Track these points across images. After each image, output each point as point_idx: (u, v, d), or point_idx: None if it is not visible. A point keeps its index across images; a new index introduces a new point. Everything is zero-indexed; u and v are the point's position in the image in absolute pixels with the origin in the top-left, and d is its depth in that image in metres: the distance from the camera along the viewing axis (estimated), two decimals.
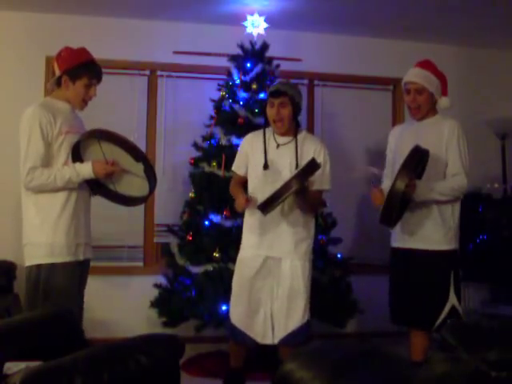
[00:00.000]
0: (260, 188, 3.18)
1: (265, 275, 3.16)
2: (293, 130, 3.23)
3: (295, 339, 3.10)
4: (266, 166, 3.16)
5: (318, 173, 3.02)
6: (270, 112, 3.18)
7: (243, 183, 3.36)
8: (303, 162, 3.08)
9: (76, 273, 2.95)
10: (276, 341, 3.15)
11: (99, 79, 3.06)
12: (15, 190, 3.00)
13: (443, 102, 3.29)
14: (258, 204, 3.00)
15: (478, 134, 4.75)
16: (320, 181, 3.16)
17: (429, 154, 3.02)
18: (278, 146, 3.21)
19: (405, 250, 3.26)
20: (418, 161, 2.99)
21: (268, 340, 3.17)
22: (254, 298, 3.16)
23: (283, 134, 3.22)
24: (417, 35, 5.08)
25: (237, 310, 3.20)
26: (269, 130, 3.27)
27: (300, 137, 3.23)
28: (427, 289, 3.15)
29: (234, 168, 3.39)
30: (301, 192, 2.95)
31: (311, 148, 3.20)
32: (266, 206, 2.91)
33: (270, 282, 3.16)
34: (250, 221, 3.24)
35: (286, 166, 3.16)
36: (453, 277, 3.17)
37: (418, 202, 3.12)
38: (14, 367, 1.84)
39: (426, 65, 3.30)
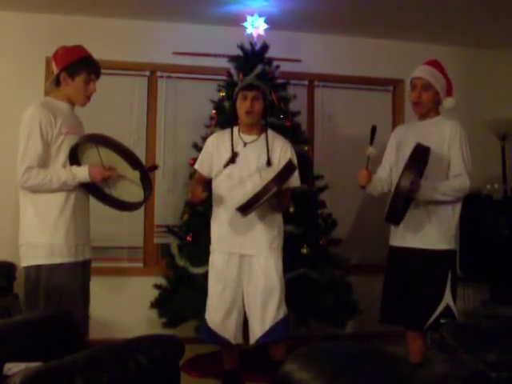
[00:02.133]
0: (226, 186, 3.17)
1: (238, 275, 3.16)
2: (260, 127, 3.24)
3: (273, 336, 3.10)
4: (233, 160, 3.15)
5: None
6: (243, 105, 3.16)
7: (205, 183, 3.35)
8: (273, 159, 3.12)
9: (76, 273, 2.95)
10: (252, 341, 3.15)
11: (98, 74, 3.05)
12: (15, 190, 3.00)
13: (448, 102, 3.31)
14: (236, 206, 2.97)
15: (478, 134, 4.74)
16: (290, 179, 3.16)
17: (430, 150, 3.03)
18: (244, 144, 3.21)
19: (404, 249, 3.27)
20: (420, 158, 3.00)
21: (239, 340, 3.18)
22: (229, 298, 3.16)
23: (250, 132, 3.22)
24: (417, 35, 5.08)
25: (212, 312, 3.20)
26: (235, 129, 3.25)
27: (270, 133, 3.24)
28: (424, 288, 3.16)
29: (196, 166, 3.37)
30: (279, 193, 2.95)
31: (279, 146, 3.22)
32: (246, 209, 2.92)
33: (242, 281, 3.16)
34: (219, 219, 3.23)
35: (253, 164, 3.16)
36: (450, 276, 3.18)
37: (420, 201, 3.13)
38: (13, 367, 1.84)
39: (434, 64, 3.33)
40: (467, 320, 4.57)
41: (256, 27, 4.36)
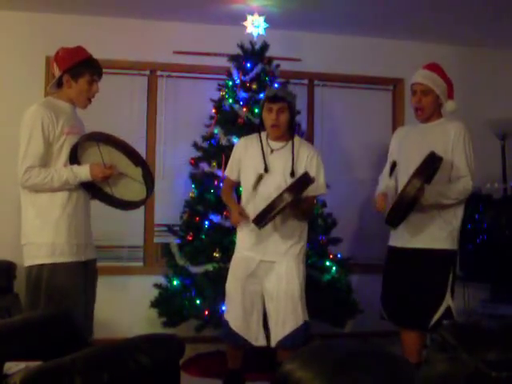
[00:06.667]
0: (254, 193, 3.16)
1: (258, 277, 3.15)
2: (287, 135, 3.22)
3: (292, 342, 3.07)
4: (266, 169, 3.14)
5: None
6: (268, 117, 3.14)
7: (234, 188, 3.37)
8: (298, 167, 3.09)
9: (78, 273, 2.94)
10: (273, 344, 3.13)
11: (100, 74, 3.06)
12: (15, 189, 3.00)
13: (450, 105, 3.29)
14: (252, 218, 2.96)
15: (478, 134, 4.73)
16: (315, 186, 3.13)
17: (442, 160, 3.02)
18: (271, 151, 3.19)
19: (405, 250, 3.26)
20: (430, 167, 2.98)
21: (260, 342, 3.18)
22: (248, 299, 3.15)
23: (277, 140, 3.20)
24: (417, 35, 5.08)
25: (232, 312, 3.19)
26: (263, 135, 3.24)
27: (296, 141, 3.21)
28: (425, 288, 3.16)
29: (226, 173, 3.37)
30: (295, 204, 2.93)
31: (305, 154, 3.19)
32: (261, 220, 2.89)
33: (264, 285, 3.15)
34: (245, 225, 3.22)
35: (279, 172, 3.14)
36: (451, 277, 3.18)
37: (424, 204, 3.12)
38: (14, 367, 1.84)
39: (433, 67, 3.31)
40: (467, 320, 4.56)
41: (256, 26, 4.35)
